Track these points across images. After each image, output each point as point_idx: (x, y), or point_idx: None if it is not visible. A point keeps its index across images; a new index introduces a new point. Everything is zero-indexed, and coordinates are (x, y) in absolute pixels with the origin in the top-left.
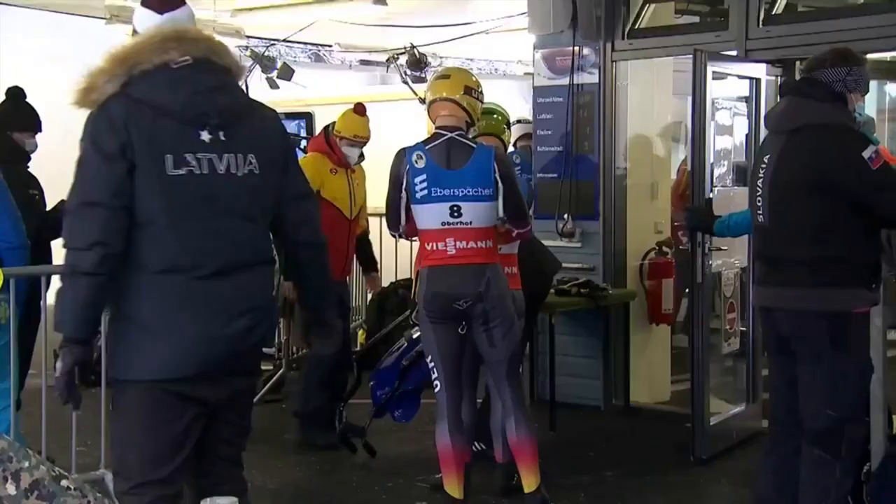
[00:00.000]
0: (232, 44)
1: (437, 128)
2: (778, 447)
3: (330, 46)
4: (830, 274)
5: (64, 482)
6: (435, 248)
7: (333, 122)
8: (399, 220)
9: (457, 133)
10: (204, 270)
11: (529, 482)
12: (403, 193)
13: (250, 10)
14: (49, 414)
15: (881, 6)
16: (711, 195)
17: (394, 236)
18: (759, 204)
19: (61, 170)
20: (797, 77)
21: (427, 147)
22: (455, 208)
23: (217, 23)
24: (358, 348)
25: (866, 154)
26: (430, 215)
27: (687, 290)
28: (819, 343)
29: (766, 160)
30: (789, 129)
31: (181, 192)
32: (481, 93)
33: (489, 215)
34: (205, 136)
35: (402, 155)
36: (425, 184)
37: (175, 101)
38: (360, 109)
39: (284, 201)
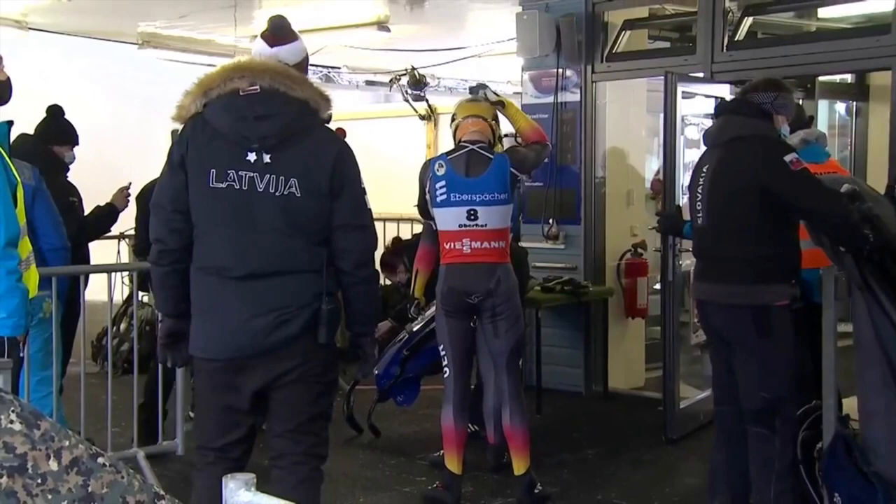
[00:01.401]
0: None
1: (462, 141)
2: (725, 426)
3: (339, 68)
4: (761, 271)
5: (100, 459)
6: (452, 247)
7: None
8: (428, 214)
9: (478, 146)
10: (235, 273)
11: (519, 466)
12: (427, 196)
13: None
14: (88, 399)
15: (831, 34)
16: (681, 202)
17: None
18: (699, 208)
19: (97, 179)
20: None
21: (449, 157)
22: (472, 212)
23: (237, 48)
24: None
25: (787, 158)
26: (448, 218)
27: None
28: (747, 333)
29: (704, 170)
30: (723, 142)
31: (220, 202)
32: (499, 123)
33: (503, 217)
34: (251, 157)
35: (427, 164)
36: (444, 189)
37: (223, 125)
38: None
39: (333, 228)
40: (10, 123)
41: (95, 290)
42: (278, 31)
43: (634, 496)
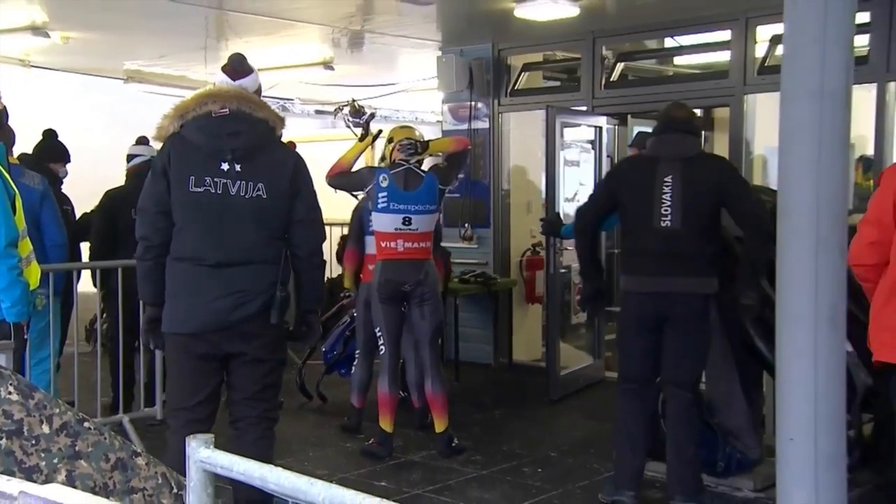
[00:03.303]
0: None
1: (399, 160)
2: (636, 401)
3: (292, 100)
4: (713, 265)
5: (86, 423)
6: (388, 245)
7: None
8: (344, 175)
9: (412, 164)
10: (208, 261)
11: (440, 424)
12: (364, 194)
13: None
14: (80, 374)
15: (684, 77)
16: (560, 210)
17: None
18: (667, 212)
19: (89, 191)
20: (626, 124)
21: (391, 172)
22: (407, 219)
23: (207, 82)
24: None
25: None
26: (386, 222)
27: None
28: (703, 317)
29: (667, 179)
30: (686, 157)
31: (198, 204)
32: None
33: (430, 223)
34: (224, 166)
35: (373, 170)
36: (386, 199)
37: (201, 140)
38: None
39: (292, 222)
40: (4, 145)
41: (87, 282)
42: (239, 66)
43: (532, 446)
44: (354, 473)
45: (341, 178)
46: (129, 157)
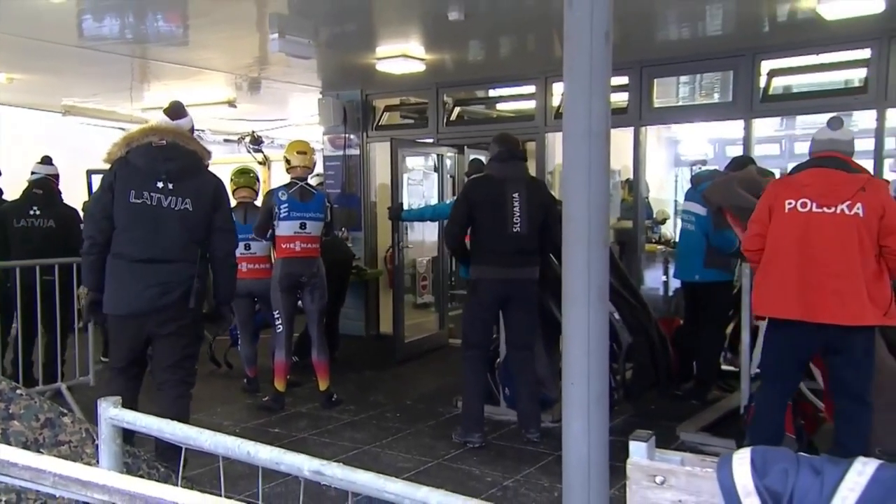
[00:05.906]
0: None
1: (293, 178)
2: (477, 364)
3: (204, 130)
4: (538, 259)
5: (18, 391)
6: (288, 246)
7: None
8: (267, 232)
9: (305, 182)
10: (139, 258)
11: (323, 384)
12: (275, 212)
13: (153, 108)
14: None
15: (505, 118)
16: (401, 201)
17: (258, 239)
18: (517, 221)
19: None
20: (466, 151)
21: (289, 190)
22: (303, 224)
23: (133, 116)
24: None
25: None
26: (287, 227)
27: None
28: (535, 296)
29: (515, 196)
30: (525, 179)
31: (135, 212)
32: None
33: (319, 229)
34: (160, 184)
35: (272, 193)
36: (287, 209)
37: (142, 164)
38: None
39: (212, 230)
40: None
41: None
42: (177, 111)
43: (393, 397)
44: (253, 423)
45: (261, 228)
46: (32, 173)
